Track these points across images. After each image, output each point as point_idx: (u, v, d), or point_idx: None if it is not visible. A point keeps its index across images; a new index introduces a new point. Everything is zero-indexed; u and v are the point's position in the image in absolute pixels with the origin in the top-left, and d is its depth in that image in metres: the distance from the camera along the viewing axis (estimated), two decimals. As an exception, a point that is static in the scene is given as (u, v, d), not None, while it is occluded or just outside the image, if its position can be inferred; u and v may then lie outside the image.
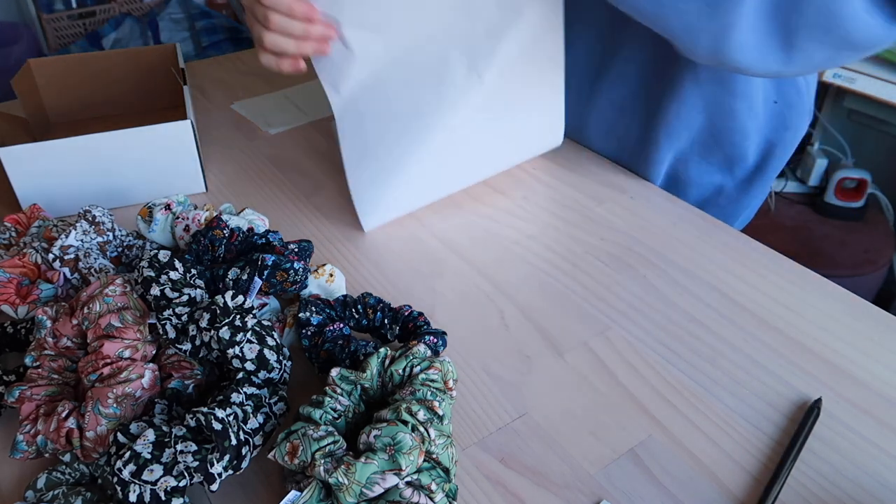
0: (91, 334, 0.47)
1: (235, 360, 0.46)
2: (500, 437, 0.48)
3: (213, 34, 2.14)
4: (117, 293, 0.49)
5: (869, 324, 0.58)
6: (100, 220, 0.59)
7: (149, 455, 0.40)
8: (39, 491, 0.42)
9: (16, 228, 0.62)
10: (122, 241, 0.61)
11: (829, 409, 0.50)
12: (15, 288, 0.55)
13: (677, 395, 0.52)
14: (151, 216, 0.62)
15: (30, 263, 0.56)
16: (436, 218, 0.71)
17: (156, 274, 0.50)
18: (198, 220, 0.60)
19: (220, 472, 0.40)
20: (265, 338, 0.47)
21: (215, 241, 0.57)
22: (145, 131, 0.68)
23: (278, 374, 0.47)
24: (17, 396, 0.45)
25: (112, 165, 0.69)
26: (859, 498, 0.45)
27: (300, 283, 0.55)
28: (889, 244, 1.65)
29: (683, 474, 0.46)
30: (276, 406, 0.46)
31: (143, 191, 0.72)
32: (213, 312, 0.47)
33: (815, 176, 1.76)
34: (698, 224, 0.70)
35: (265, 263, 0.53)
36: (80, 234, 0.57)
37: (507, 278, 0.63)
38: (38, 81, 0.85)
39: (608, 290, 0.61)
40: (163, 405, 0.45)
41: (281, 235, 0.59)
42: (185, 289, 0.50)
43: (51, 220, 0.61)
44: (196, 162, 0.72)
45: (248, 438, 0.42)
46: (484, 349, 0.55)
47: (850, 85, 1.47)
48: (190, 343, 0.47)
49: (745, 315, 0.59)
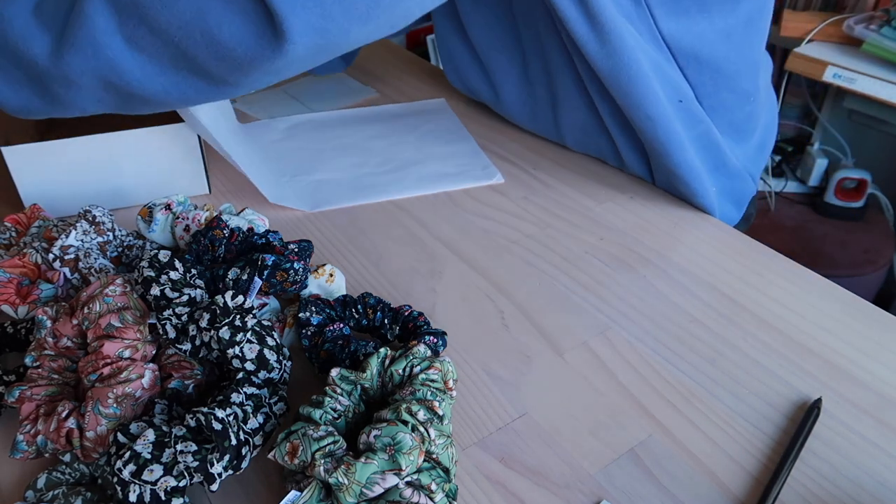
0: (91, 334, 0.47)
1: (235, 360, 0.46)
2: (500, 437, 0.48)
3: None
4: (117, 293, 0.49)
5: (869, 324, 0.58)
6: (100, 220, 0.59)
7: (149, 455, 0.40)
8: (39, 491, 0.42)
9: (16, 228, 0.62)
10: (122, 241, 0.61)
11: (829, 409, 0.50)
12: (15, 288, 0.55)
13: (677, 395, 0.52)
14: (151, 216, 0.62)
15: (30, 263, 0.56)
16: (436, 218, 0.71)
17: (156, 274, 0.50)
18: (198, 221, 0.60)
19: (220, 472, 0.40)
20: (265, 338, 0.47)
21: (215, 241, 0.57)
22: (150, 132, 0.68)
23: (278, 374, 0.47)
24: (17, 396, 0.45)
25: (117, 166, 0.69)
26: (859, 498, 0.45)
27: (300, 283, 0.55)
28: (889, 244, 1.65)
29: (683, 474, 0.46)
30: (276, 406, 0.46)
31: (147, 191, 0.72)
32: (213, 312, 0.47)
33: (815, 176, 1.76)
34: (698, 224, 0.71)
35: (265, 263, 0.53)
36: (81, 234, 0.57)
37: (507, 278, 0.63)
38: None
39: (608, 290, 0.62)
40: (163, 405, 0.45)
41: (281, 235, 0.59)
42: (185, 289, 0.50)
43: (51, 220, 0.61)
44: (200, 163, 0.72)
45: (248, 438, 0.42)
46: (484, 349, 0.55)
47: (850, 85, 1.47)
48: (190, 343, 0.47)
49: (745, 315, 0.59)
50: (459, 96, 0.96)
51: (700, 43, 0.68)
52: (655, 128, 0.68)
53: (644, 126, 0.69)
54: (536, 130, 0.85)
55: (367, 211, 0.72)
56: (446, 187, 0.74)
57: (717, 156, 0.74)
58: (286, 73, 0.54)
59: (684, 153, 0.69)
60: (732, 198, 0.79)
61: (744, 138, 0.77)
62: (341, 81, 1.00)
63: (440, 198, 0.73)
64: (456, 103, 0.94)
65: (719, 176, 0.75)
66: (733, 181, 0.77)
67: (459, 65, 0.87)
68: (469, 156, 0.77)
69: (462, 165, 0.76)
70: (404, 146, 0.78)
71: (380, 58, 1.09)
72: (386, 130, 0.83)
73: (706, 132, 0.72)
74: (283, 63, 0.51)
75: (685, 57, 0.69)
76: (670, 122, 0.68)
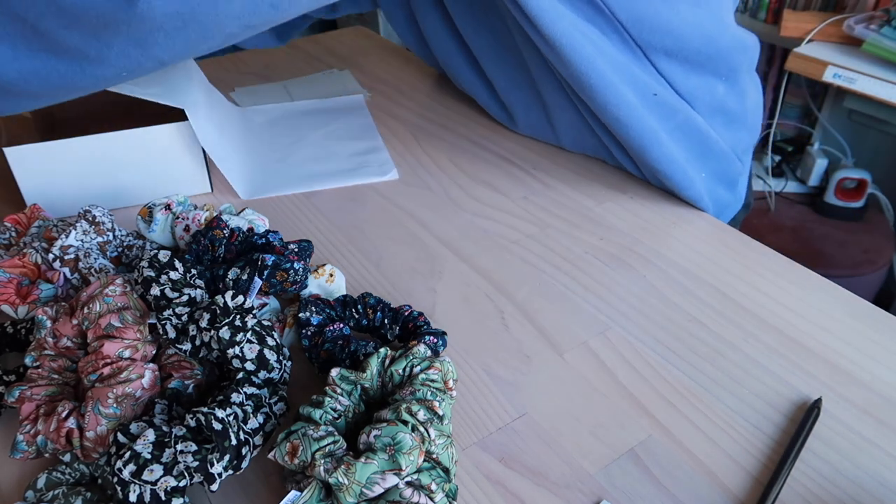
0: (91, 334, 0.47)
1: (235, 360, 0.46)
2: (500, 437, 0.48)
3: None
4: (117, 293, 0.49)
5: (869, 324, 0.58)
6: (100, 220, 0.59)
7: (149, 455, 0.40)
8: (39, 491, 0.42)
9: (16, 228, 0.62)
10: (122, 240, 0.61)
11: (829, 409, 0.50)
12: (15, 288, 0.55)
13: (677, 395, 0.52)
14: (151, 216, 0.62)
15: (30, 263, 0.56)
16: (436, 218, 0.71)
17: (156, 274, 0.50)
18: (198, 221, 0.60)
19: (220, 473, 0.40)
20: (265, 338, 0.47)
21: (215, 241, 0.57)
22: (152, 132, 0.68)
23: (278, 374, 0.47)
24: (17, 396, 0.45)
25: (118, 165, 0.69)
26: (859, 498, 0.45)
27: (300, 283, 0.55)
28: (889, 244, 1.65)
29: (683, 474, 0.46)
30: (276, 406, 0.46)
31: (149, 191, 0.72)
32: (214, 312, 0.47)
33: (815, 176, 1.76)
34: (698, 224, 0.71)
35: (265, 263, 0.53)
36: (80, 234, 0.57)
37: (507, 278, 0.63)
38: None
39: (608, 290, 0.62)
40: (163, 405, 0.45)
41: (281, 235, 0.59)
42: (185, 289, 0.50)
43: (51, 220, 0.61)
44: (202, 162, 0.72)
45: (247, 438, 0.42)
46: (484, 349, 0.55)
47: (850, 85, 1.48)
48: (190, 343, 0.47)
49: (745, 315, 0.59)
50: (462, 96, 0.96)
51: (667, 30, 0.68)
52: (627, 130, 0.69)
53: (616, 128, 0.70)
54: (534, 135, 0.85)
55: (367, 211, 0.72)
56: (340, 183, 0.75)
57: (701, 142, 0.73)
58: (153, 41, 0.48)
59: (662, 147, 0.70)
60: (724, 180, 0.78)
61: (731, 120, 0.76)
62: (341, 80, 1.00)
63: (440, 197, 0.74)
64: (458, 104, 0.94)
65: (707, 161, 0.75)
66: (722, 164, 0.76)
67: (457, 73, 0.87)
68: (371, 152, 0.78)
69: (361, 162, 0.77)
70: (309, 142, 0.80)
71: (380, 58, 1.09)
72: (301, 125, 0.84)
73: (686, 120, 0.71)
74: (143, 26, 0.46)
75: (653, 49, 0.68)
76: (642, 120, 0.68)
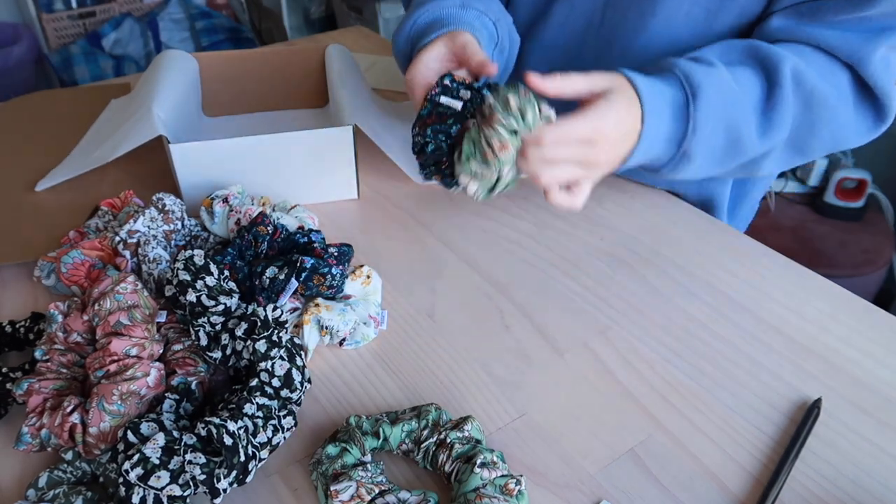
0: (100, 331, 0.47)
1: (264, 374, 0.46)
2: (500, 437, 0.48)
3: (213, 34, 2.14)
4: (128, 290, 0.49)
5: (869, 324, 0.58)
6: (169, 208, 0.59)
7: (157, 461, 0.40)
8: (41, 489, 0.42)
9: (112, 213, 0.63)
10: (190, 230, 0.61)
11: (829, 409, 0.50)
12: (87, 270, 0.55)
13: (677, 395, 0.52)
14: (213, 208, 0.62)
15: (108, 247, 0.57)
16: (436, 218, 0.71)
17: (191, 278, 0.50)
18: (249, 215, 0.61)
19: (226, 488, 0.40)
20: (295, 357, 0.47)
21: (258, 238, 0.57)
22: (308, 135, 0.68)
23: (297, 395, 0.47)
24: (26, 389, 0.45)
25: (272, 166, 0.69)
26: (859, 498, 0.45)
27: (336, 287, 0.55)
28: (889, 244, 1.65)
29: (683, 474, 0.46)
30: (284, 419, 0.46)
31: (299, 192, 0.71)
32: (253, 324, 0.47)
33: (815, 176, 1.76)
34: (698, 224, 0.71)
35: (303, 266, 0.53)
36: (148, 220, 0.58)
37: (507, 278, 0.63)
38: (203, 75, 0.85)
39: (608, 290, 0.62)
40: (172, 401, 0.45)
41: (323, 235, 0.59)
42: (220, 297, 0.50)
43: (133, 206, 0.62)
44: (352, 168, 0.72)
45: (255, 452, 0.42)
46: (484, 349, 0.55)
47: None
48: (220, 351, 0.47)
49: (745, 315, 0.59)
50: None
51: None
52: None
53: None
54: None
55: (367, 211, 0.72)
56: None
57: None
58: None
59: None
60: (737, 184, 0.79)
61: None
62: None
63: (441, 197, 0.74)
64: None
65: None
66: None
67: None
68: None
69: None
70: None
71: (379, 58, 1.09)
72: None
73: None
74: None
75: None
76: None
